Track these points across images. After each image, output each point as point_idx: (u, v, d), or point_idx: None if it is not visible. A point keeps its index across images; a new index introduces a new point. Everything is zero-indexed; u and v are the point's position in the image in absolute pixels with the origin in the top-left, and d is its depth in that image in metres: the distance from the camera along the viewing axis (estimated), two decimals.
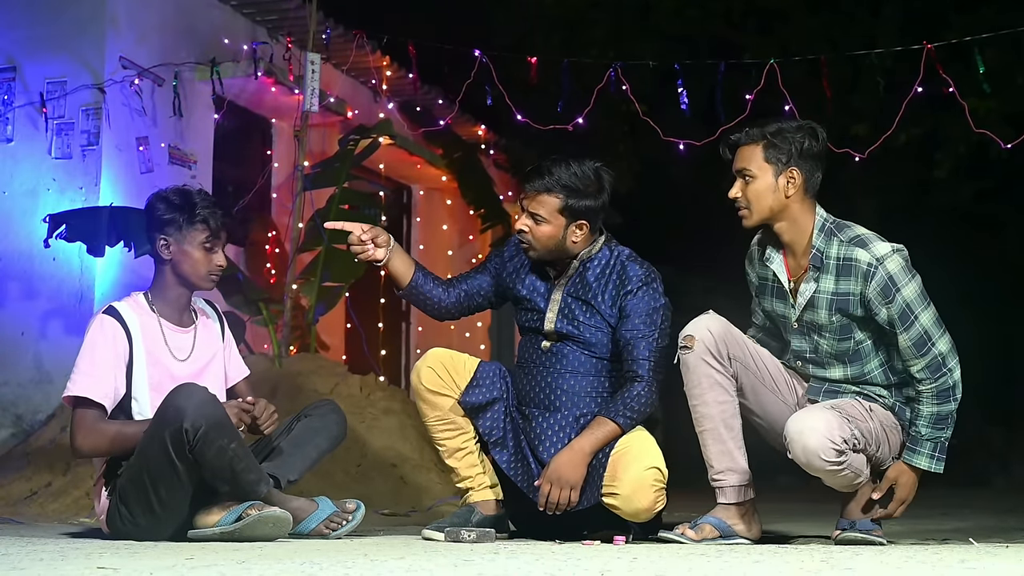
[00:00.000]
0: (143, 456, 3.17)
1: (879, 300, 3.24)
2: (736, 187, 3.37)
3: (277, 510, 3.13)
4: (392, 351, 8.91)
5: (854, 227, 3.34)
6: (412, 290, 3.67)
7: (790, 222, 3.34)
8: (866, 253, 3.26)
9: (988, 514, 5.94)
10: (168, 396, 3.17)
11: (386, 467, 5.67)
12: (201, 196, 3.46)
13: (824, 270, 3.30)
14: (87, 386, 3.27)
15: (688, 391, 3.35)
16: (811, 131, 3.35)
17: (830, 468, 3.15)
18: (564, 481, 3.37)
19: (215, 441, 3.10)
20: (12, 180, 6.32)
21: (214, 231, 3.42)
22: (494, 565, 2.41)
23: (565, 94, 6.94)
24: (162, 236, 3.41)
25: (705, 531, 3.26)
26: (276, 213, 7.49)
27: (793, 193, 3.31)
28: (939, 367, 3.25)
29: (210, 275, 3.44)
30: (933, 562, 2.44)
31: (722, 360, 3.32)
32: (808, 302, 3.33)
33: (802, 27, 10.91)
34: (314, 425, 3.54)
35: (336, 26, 7.33)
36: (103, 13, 6.29)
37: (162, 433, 3.10)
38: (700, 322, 3.37)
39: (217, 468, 3.14)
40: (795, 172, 3.30)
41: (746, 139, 3.37)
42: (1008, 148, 6.44)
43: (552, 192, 3.51)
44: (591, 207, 3.53)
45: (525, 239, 3.55)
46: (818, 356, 3.40)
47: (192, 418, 3.07)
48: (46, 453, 5.43)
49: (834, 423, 3.16)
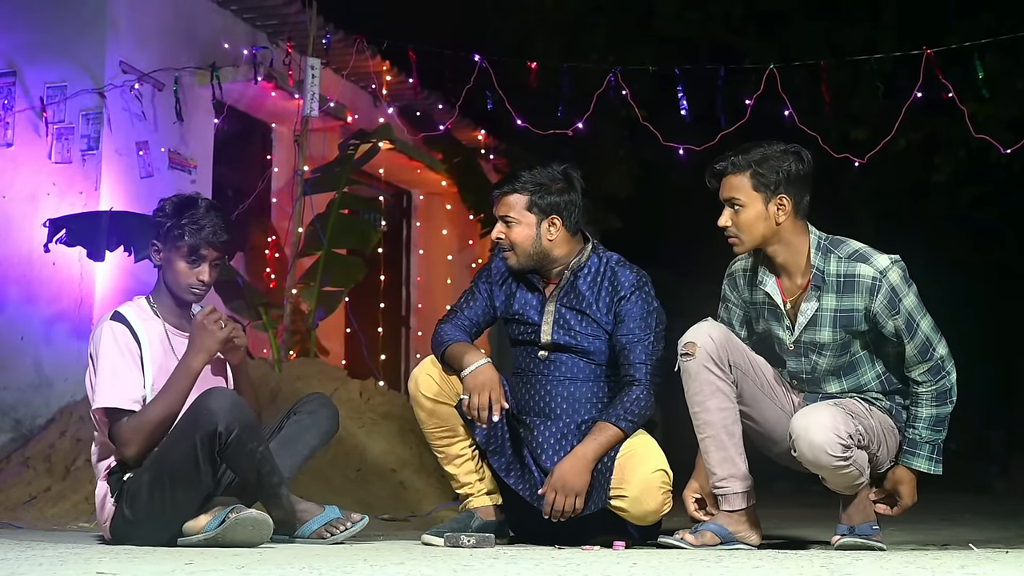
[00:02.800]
0: (167, 456, 3.19)
1: (886, 313, 3.27)
2: (725, 215, 3.35)
3: (255, 512, 3.14)
4: (392, 356, 8.91)
5: (849, 242, 3.36)
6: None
7: (783, 245, 3.34)
8: (868, 268, 3.27)
9: (988, 519, 5.93)
10: (199, 399, 3.19)
11: (385, 472, 5.67)
12: (199, 209, 3.38)
13: (825, 288, 3.30)
14: (114, 396, 3.27)
15: (689, 398, 3.35)
16: (796, 155, 3.34)
17: (836, 463, 3.16)
18: (569, 488, 3.38)
19: (246, 444, 3.15)
20: (12, 184, 6.32)
21: (192, 247, 3.35)
22: (493, 570, 2.41)
23: (565, 99, 6.95)
24: (154, 241, 3.43)
25: (706, 538, 3.26)
26: (276, 218, 7.49)
27: (784, 219, 3.31)
28: (939, 370, 3.32)
29: (190, 288, 3.39)
30: (933, 567, 2.44)
31: (723, 367, 3.32)
32: (810, 321, 3.33)
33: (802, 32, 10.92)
34: (304, 422, 3.54)
35: (336, 31, 7.33)
36: (103, 17, 6.29)
37: (193, 435, 3.13)
38: (701, 329, 3.36)
39: (245, 470, 3.20)
40: (784, 199, 3.30)
41: (732, 168, 3.34)
42: (1007, 153, 6.45)
43: (517, 191, 3.56)
44: (559, 202, 3.55)
45: (504, 246, 3.58)
46: (815, 375, 3.40)
47: (226, 421, 3.11)
48: (45, 457, 5.43)
49: (839, 418, 3.18)
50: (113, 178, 6.21)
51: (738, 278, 3.51)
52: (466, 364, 3.46)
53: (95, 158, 6.18)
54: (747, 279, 3.47)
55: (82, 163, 6.20)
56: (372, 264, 7.77)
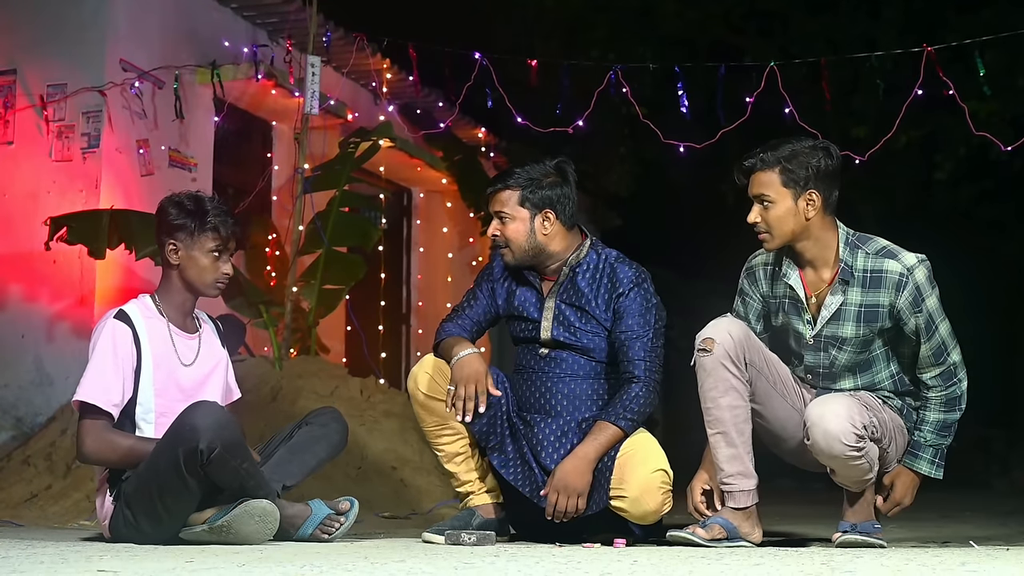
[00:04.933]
0: (153, 468, 3.18)
1: (910, 310, 3.29)
2: (755, 212, 3.35)
3: (264, 502, 3.13)
4: (392, 354, 8.91)
5: (876, 239, 3.37)
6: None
7: (813, 240, 3.35)
8: (897, 264, 3.29)
9: (989, 516, 5.94)
10: (184, 413, 3.17)
11: (386, 470, 5.67)
12: (213, 203, 3.45)
13: (852, 283, 3.31)
14: (96, 394, 3.27)
15: (703, 393, 3.34)
16: (825, 151, 3.34)
17: (849, 454, 3.16)
18: (571, 489, 3.38)
19: (228, 462, 3.13)
20: (13, 183, 6.32)
21: (224, 239, 3.42)
22: (494, 568, 2.41)
23: (565, 96, 6.94)
24: (171, 241, 3.41)
25: (715, 531, 3.26)
26: (276, 216, 7.49)
27: (813, 215, 3.31)
28: (951, 376, 3.35)
29: (216, 283, 3.45)
30: (934, 565, 2.44)
31: (740, 365, 3.30)
32: (833, 315, 3.33)
33: (802, 29, 10.92)
34: (315, 433, 3.55)
35: (336, 29, 7.33)
36: (104, 16, 6.29)
37: (175, 449, 3.11)
38: (720, 325, 3.34)
39: (227, 484, 3.18)
40: (814, 194, 3.30)
41: (761, 165, 3.34)
42: (1008, 150, 6.45)
43: (509, 187, 3.58)
44: (551, 196, 3.56)
45: (499, 243, 3.59)
46: (832, 370, 3.40)
47: (208, 439, 3.08)
48: (46, 456, 5.43)
49: (855, 409, 3.19)
50: (114, 176, 6.21)
51: (758, 271, 3.50)
52: (453, 354, 3.48)
53: (96, 156, 6.18)
54: (768, 272, 3.47)
55: (83, 161, 6.20)
56: (372, 262, 7.77)
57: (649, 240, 10.09)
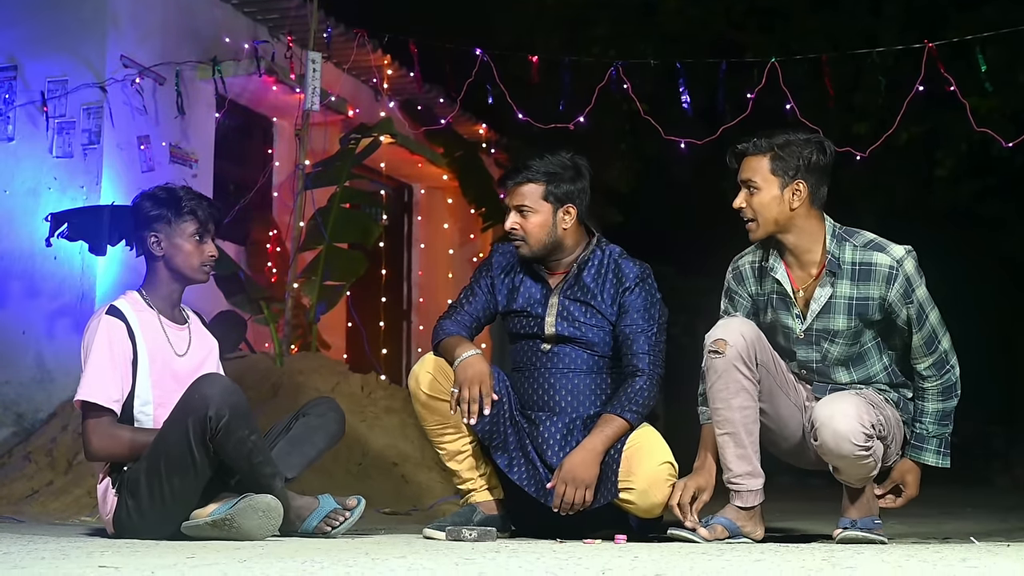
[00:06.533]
0: (163, 442, 3.19)
1: (901, 302, 3.30)
2: (741, 197, 3.36)
3: (268, 497, 3.14)
4: (393, 350, 8.91)
5: (863, 232, 3.38)
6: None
7: (797, 232, 3.34)
8: (886, 256, 3.29)
9: (989, 513, 5.94)
10: (194, 384, 3.21)
11: (387, 466, 5.67)
12: (185, 191, 3.51)
13: (840, 275, 3.31)
14: (97, 392, 3.29)
15: (713, 394, 3.31)
16: (819, 145, 3.35)
17: (858, 453, 3.16)
18: (579, 481, 3.38)
19: (236, 431, 3.15)
20: (13, 179, 6.32)
21: (203, 222, 3.44)
22: (495, 564, 2.41)
23: (566, 93, 6.94)
24: (152, 233, 3.44)
25: (717, 531, 3.26)
26: (277, 212, 7.50)
27: (798, 206, 3.31)
28: (944, 363, 3.36)
29: (203, 265, 3.47)
30: (934, 560, 2.44)
31: (751, 366, 3.28)
32: (823, 308, 3.33)
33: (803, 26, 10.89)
34: (312, 423, 3.56)
35: (337, 25, 7.33)
36: (104, 12, 6.29)
37: (185, 420, 3.14)
38: (732, 326, 3.32)
39: (235, 458, 3.18)
40: (801, 185, 3.30)
41: (753, 149, 3.35)
42: (1009, 147, 6.44)
43: (533, 180, 3.56)
44: (573, 190, 3.57)
45: (517, 236, 3.57)
46: (825, 364, 3.40)
47: (217, 406, 3.12)
48: (47, 452, 5.43)
49: (863, 408, 3.19)
50: (114, 172, 6.21)
51: (745, 269, 3.50)
52: (456, 356, 3.47)
53: (96, 152, 6.18)
54: (755, 269, 3.47)
55: (83, 157, 6.20)
56: (373, 258, 7.78)
57: (650, 237, 10.09)
